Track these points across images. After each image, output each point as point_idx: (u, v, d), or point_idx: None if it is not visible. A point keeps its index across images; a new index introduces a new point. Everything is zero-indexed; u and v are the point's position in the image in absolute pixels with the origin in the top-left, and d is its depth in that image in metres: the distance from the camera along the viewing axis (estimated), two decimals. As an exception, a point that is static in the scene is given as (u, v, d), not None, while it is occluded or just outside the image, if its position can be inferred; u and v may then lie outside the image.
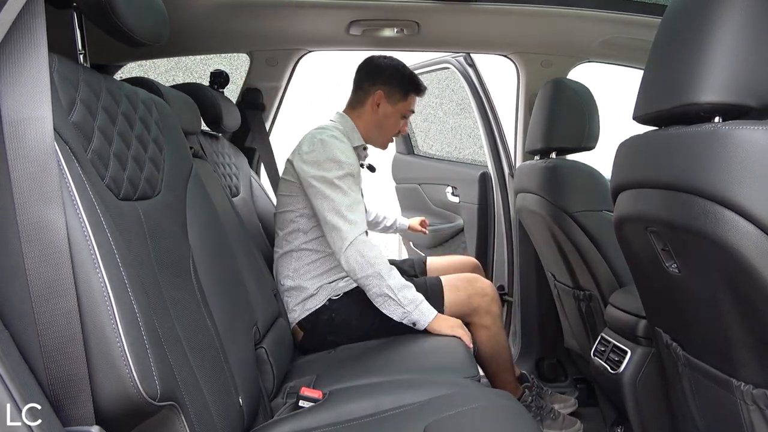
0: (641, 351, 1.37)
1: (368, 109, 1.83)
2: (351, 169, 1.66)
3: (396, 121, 1.85)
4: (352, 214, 1.61)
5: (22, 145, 0.68)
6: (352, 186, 1.66)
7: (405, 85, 1.82)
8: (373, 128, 1.84)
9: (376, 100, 1.81)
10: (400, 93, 1.82)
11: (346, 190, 1.63)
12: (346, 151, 1.68)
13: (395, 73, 1.82)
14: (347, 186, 1.64)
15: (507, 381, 1.84)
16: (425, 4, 1.79)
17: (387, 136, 1.89)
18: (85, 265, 0.70)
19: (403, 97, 1.83)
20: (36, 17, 0.70)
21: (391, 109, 1.83)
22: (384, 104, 1.82)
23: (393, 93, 1.82)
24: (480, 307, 1.75)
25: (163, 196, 1.01)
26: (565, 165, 1.77)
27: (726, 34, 0.81)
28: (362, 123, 1.84)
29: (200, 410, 0.87)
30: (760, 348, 0.86)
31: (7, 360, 0.64)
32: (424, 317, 1.60)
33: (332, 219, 1.61)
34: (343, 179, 1.64)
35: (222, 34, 2.02)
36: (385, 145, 1.92)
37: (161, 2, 1.02)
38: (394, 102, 1.83)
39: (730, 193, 0.77)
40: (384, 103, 1.82)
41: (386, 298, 1.60)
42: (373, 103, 1.82)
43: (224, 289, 1.15)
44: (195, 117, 1.65)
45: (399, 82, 1.82)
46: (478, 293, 1.76)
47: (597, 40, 2.00)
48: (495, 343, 1.79)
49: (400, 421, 1.08)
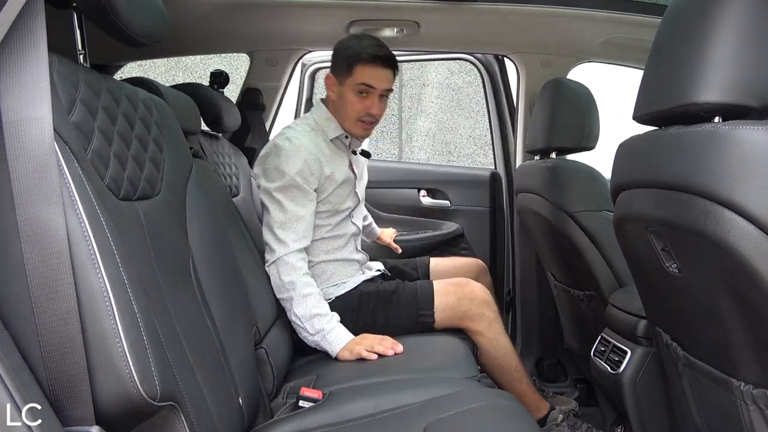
0: (641, 351, 1.37)
1: (330, 95, 1.75)
2: (292, 182, 1.58)
3: (351, 100, 1.68)
4: (283, 231, 1.57)
5: (22, 145, 0.68)
6: (295, 198, 1.59)
7: (348, 59, 1.67)
8: (337, 114, 1.74)
9: (329, 84, 1.73)
10: (345, 68, 1.68)
11: (283, 205, 1.58)
12: (296, 158, 1.59)
13: (341, 49, 1.70)
14: (286, 199, 1.58)
15: (522, 393, 1.71)
16: (425, 4, 1.79)
17: (352, 121, 1.72)
18: (84, 265, 0.70)
19: (348, 72, 1.68)
20: (36, 17, 0.70)
21: (342, 89, 1.70)
22: (336, 86, 1.71)
23: (339, 72, 1.69)
24: (470, 311, 1.69)
25: (163, 196, 1.00)
26: (565, 165, 1.77)
27: (726, 33, 0.81)
28: (330, 109, 1.75)
29: (200, 410, 0.87)
30: (760, 348, 0.86)
31: (7, 360, 0.64)
32: (332, 347, 1.53)
33: (265, 233, 1.59)
34: (282, 191, 1.58)
35: (222, 34, 2.02)
36: (357, 131, 1.74)
37: (161, 2, 1.02)
38: (342, 80, 1.69)
39: (730, 193, 0.77)
40: (336, 85, 1.71)
41: (296, 325, 1.57)
42: (329, 88, 1.74)
43: (224, 289, 1.15)
44: (195, 117, 1.65)
45: (343, 57, 1.69)
46: (467, 296, 1.70)
47: (597, 40, 2.00)
48: (494, 350, 1.70)
49: (400, 421, 1.08)
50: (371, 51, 1.66)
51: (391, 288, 1.74)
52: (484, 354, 1.72)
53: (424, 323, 1.69)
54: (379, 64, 1.67)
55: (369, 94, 1.68)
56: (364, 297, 1.72)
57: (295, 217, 1.58)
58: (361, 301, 1.70)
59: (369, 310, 1.69)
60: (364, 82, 1.66)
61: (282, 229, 1.57)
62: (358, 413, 1.14)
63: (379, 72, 1.67)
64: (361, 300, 1.71)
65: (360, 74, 1.66)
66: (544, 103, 1.87)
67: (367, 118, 1.71)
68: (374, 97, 1.69)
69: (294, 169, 1.58)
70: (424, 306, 1.69)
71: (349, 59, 1.66)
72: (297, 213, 1.59)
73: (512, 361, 1.72)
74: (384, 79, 1.68)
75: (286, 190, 1.59)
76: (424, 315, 1.69)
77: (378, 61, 1.66)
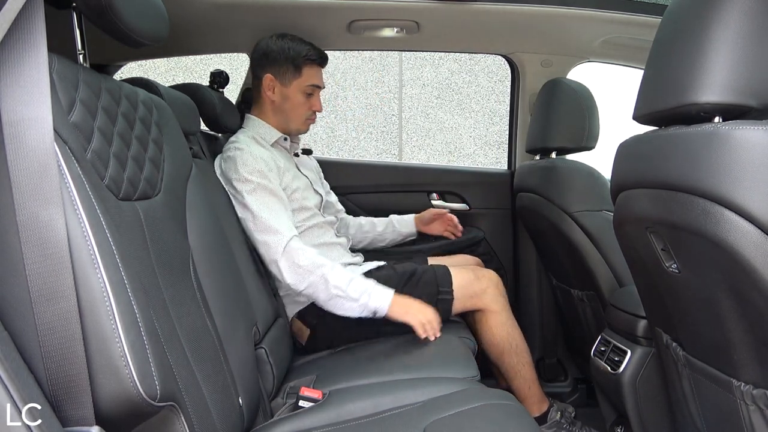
0: (641, 351, 1.37)
1: (266, 99, 1.73)
2: (260, 182, 1.58)
3: (299, 101, 1.72)
4: (275, 224, 1.53)
5: (22, 145, 0.68)
6: (269, 196, 1.58)
7: (294, 60, 1.68)
8: (280, 117, 1.74)
9: (267, 86, 1.71)
10: (292, 70, 1.69)
11: (261, 204, 1.56)
12: (251, 161, 1.59)
13: (281, 51, 1.69)
14: (261, 198, 1.57)
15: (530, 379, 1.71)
16: (425, 4, 1.79)
17: (298, 120, 1.75)
18: (84, 266, 0.70)
19: (296, 74, 1.70)
20: (36, 17, 0.70)
21: (287, 90, 1.71)
22: (278, 87, 1.71)
23: (284, 73, 1.70)
24: (489, 290, 1.70)
25: (162, 197, 1.01)
26: (565, 165, 1.77)
27: (726, 33, 0.81)
28: (268, 115, 1.74)
29: (200, 410, 0.87)
30: (760, 348, 0.86)
31: (6, 360, 0.64)
32: (382, 303, 1.50)
33: (256, 237, 1.55)
34: (253, 193, 1.57)
35: (222, 34, 2.01)
36: (305, 128, 1.78)
37: (161, 2, 1.02)
38: (288, 82, 1.71)
39: (730, 194, 0.77)
40: (278, 86, 1.71)
41: (337, 299, 1.51)
42: (267, 89, 1.72)
43: (224, 289, 1.15)
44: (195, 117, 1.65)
45: (286, 58, 1.68)
46: (485, 276, 1.72)
47: (597, 40, 1.99)
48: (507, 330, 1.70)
49: (400, 421, 1.08)
50: (317, 53, 1.73)
51: (409, 269, 1.74)
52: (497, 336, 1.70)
53: (444, 301, 1.68)
54: (322, 65, 1.75)
55: (314, 93, 1.76)
56: (380, 280, 1.66)
57: (276, 209, 1.57)
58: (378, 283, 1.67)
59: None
60: (313, 83, 1.73)
61: (271, 223, 1.54)
62: (358, 413, 1.14)
63: (321, 72, 1.76)
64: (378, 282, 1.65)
65: (308, 76, 1.72)
66: (544, 103, 1.87)
67: (313, 116, 1.78)
68: (318, 95, 1.77)
69: (255, 170, 1.58)
70: (443, 284, 1.68)
71: (294, 60, 1.70)
72: (276, 207, 1.57)
73: (522, 344, 1.74)
74: (323, 78, 1.78)
75: (257, 191, 1.57)
76: (444, 293, 1.68)
77: (323, 61, 1.75)
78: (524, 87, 2.26)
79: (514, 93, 2.33)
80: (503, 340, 1.71)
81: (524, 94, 2.27)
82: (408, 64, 5.27)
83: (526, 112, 2.27)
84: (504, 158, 2.57)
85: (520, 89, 2.28)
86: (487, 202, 2.39)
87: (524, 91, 2.26)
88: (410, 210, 2.26)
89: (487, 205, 2.39)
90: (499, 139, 5.24)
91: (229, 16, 1.84)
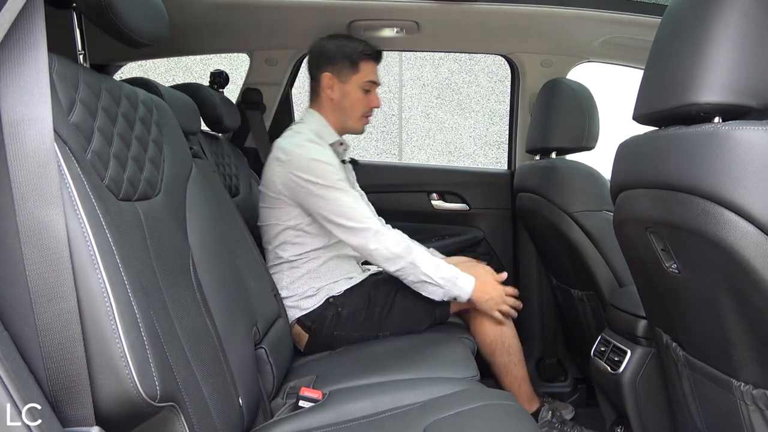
0: (641, 351, 1.37)
1: (325, 97, 1.74)
2: (338, 169, 1.62)
3: (357, 98, 1.74)
4: (359, 212, 1.59)
5: (22, 145, 0.68)
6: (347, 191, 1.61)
7: (351, 56, 1.71)
8: (339, 115, 1.75)
9: (326, 84, 1.73)
10: (349, 66, 1.71)
11: (344, 190, 1.60)
12: (325, 151, 1.64)
13: (337, 49, 1.72)
14: (343, 186, 1.61)
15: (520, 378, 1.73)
16: (425, 4, 1.79)
17: (355, 118, 1.77)
18: (84, 266, 0.70)
19: (354, 70, 1.72)
20: (36, 17, 0.70)
21: (346, 87, 1.72)
22: (337, 85, 1.72)
23: (341, 69, 1.71)
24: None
25: (163, 197, 1.00)
26: (564, 165, 1.77)
27: (726, 33, 0.81)
28: (327, 113, 1.75)
29: (200, 411, 0.87)
30: (760, 348, 0.86)
31: (6, 360, 0.64)
32: (465, 290, 1.60)
33: (343, 222, 1.58)
34: (337, 181, 1.60)
35: (222, 34, 2.02)
36: (360, 128, 1.80)
37: (161, 2, 1.02)
38: (346, 78, 1.72)
39: (729, 194, 0.77)
40: (336, 83, 1.72)
41: (424, 283, 1.60)
42: (326, 88, 1.73)
43: (224, 290, 1.14)
44: (195, 117, 1.65)
45: (343, 55, 1.71)
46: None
47: (597, 40, 2.00)
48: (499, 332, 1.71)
49: (400, 421, 1.08)
50: (372, 48, 1.74)
51: None
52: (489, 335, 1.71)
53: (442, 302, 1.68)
54: (378, 61, 1.77)
55: (372, 89, 1.77)
56: (379, 284, 1.72)
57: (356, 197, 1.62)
58: (376, 289, 1.71)
59: (386, 295, 1.69)
60: (371, 79, 1.75)
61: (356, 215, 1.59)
62: (358, 413, 1.14)
63: (376, 69, 1.77)
64: (376, 287, 1.71)
65: (365, 72, 1.74)
66: (544, 103, 1.88)
67: (369, 113, 1.79)
68: (375, 92, 1.78)
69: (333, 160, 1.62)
70: None
71: (351, 57, 1.71)
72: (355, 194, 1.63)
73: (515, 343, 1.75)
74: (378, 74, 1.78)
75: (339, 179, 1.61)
76: None
77: (378, 57, 1.76)
78: (524, 87, 2.26)
79: (514, 93, 2.33)
80: (495, 339, 1.72)
81: (524, 94, 2.27)
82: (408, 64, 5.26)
83: (526, 112, 2.27)
84: (504, 158, 2.57)
85: (520, 89, 2.29)
86: (487, 202, 2.39)
87: (524, 91, 2.27)
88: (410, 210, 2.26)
89: (487, 205, 2.39)
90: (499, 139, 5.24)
91: (229, 16, 1.84)
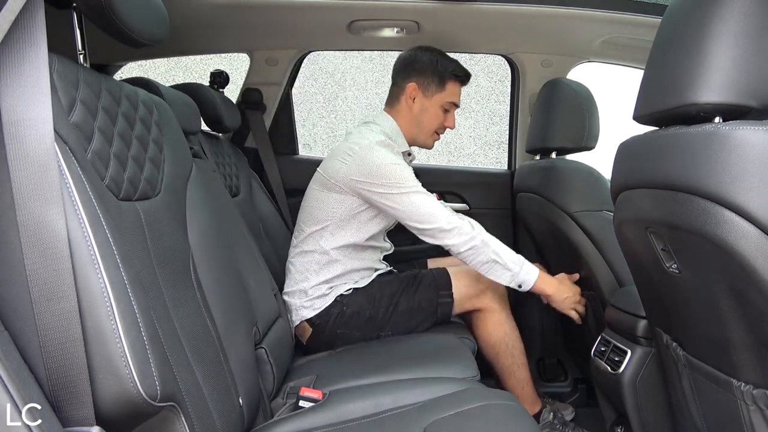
0: (641, 351, 1.37)
1: (404, 106, 1.74)
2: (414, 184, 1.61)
3: (436, 115, 1.74)
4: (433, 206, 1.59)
5: (22, 145, 0.68)
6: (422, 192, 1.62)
7: (441, 74, 1.70)
8: (413, 126, 1.75)
9: (410, 94, 1.72)
10: (436, 83, 1.70)
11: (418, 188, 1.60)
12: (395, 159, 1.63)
13: (430, 63, 1.71)
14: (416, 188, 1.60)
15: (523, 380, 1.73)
16: (425, 4, 1.79)
17: (429, 134, 1.77)
18: (84, 266, 0.70)
19: (440, 87, 1.71)
20: (36, 17, 0.70)
21: (427, 102, 1.72)
22: (419, 98, 1.72)
23: (428, 84, 1.71)
24: (487, 290, 1.72)
25: (163, 196, 1.00)
26: (565, 165, 1.77)
27: (726, 33, 0.81)
28: (402, 121, 1.75)
29: (200, 411, 0.87)
30: (760, 348, 0.86)
31: (7, 360, 0.64)
32: (530, 277, 1.61)
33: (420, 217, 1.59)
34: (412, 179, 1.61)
35: (222, 34, 2.02)
36: (430, 144, 1.81)
37: (161, 2, 1.02)
38: (431, 94, 1.71)
39: (730, 194, 0.77)
40: (419, 96, 1.71)
41: (494, 264, 1.59)
42: (408, 97, 1.72)
43: (224, 290, 1.14)
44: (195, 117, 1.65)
45: (434, 71, 1.70)
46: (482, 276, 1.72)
47: (597, 40, 2.00)
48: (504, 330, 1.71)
49: (400, 421, 1.08)
50: (464, 71, 1.74)
51: (410, 274, 1.77)
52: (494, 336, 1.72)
53: (444, 304, 1.71)
54: (464, 83, 1.77)
55: (451, 110, 1.77)
56: (384, 285, 1.72)
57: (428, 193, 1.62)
58: (381, 289, 1.71)
59: (391, 296, 1.70)
60: (453, 101, 1.75)
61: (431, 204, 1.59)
62: (358, 413, 1.14)
63: (460, 91, 1.77)
64: (381, 287, 1.71)
65: (450, 92, 1.74)
66: (544, 103, 1.87)
67: (442, 131, 1.80)
68: (453, 113, 1.78)
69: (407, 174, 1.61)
70: (442, 287, 1.70)
71: (441, 74, 1.71)
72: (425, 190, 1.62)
73: (519, 345, 1.75)
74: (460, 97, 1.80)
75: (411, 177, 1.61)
76: (444, 296, 1.71)
77: (466, 80, 1.76)
78: (524, 87, 2.26)
79: (514, 93, 2.33)
80: (500, 341, 1.72)
81: (524, 94, 2.27)
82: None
83: (526, 112, 2.27)
84: (504, 158, 2.57)
85: (520, 89, 2.28)
86: (487, 203, 2.39)
87: (524, 91, 2.26)
88: None
89: (487, 205, 2.39)
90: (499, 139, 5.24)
91: (229, 16, 1.84)
